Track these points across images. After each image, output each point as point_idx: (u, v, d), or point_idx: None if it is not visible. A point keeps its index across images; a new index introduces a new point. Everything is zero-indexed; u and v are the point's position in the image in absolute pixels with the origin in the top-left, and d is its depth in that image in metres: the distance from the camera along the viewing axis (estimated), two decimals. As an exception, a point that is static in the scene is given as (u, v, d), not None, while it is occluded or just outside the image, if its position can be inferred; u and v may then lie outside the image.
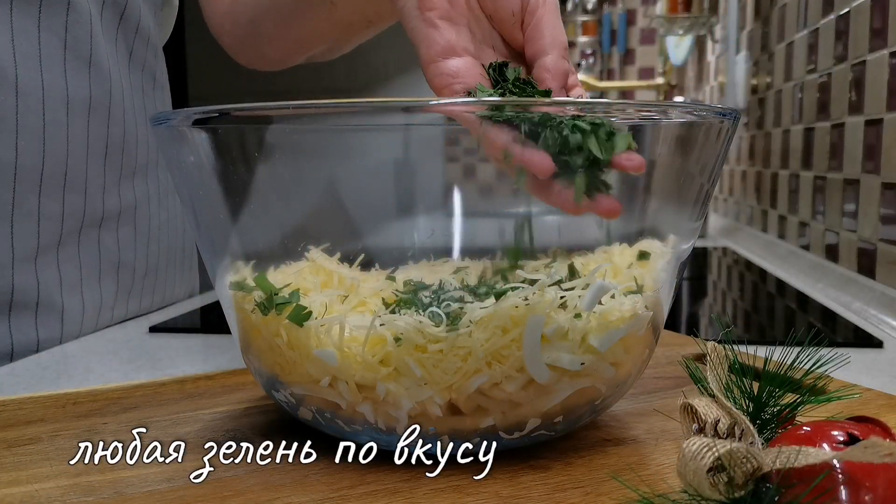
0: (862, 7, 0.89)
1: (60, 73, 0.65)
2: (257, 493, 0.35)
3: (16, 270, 0.65)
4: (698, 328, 0.76)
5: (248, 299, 0.39)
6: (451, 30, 0.44)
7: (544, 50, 0.43)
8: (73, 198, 0.68)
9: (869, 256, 0.85)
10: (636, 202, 0.40)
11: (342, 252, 0.41)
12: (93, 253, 0.71)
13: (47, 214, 0.66)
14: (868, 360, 0.61)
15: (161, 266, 0.81)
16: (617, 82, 2.90)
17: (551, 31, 0.43)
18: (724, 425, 0.31)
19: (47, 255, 0.67)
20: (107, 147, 0.70)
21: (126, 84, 0.73)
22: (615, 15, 3.05)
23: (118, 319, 0.76)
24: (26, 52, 0.63)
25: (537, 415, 0.37)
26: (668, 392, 0.49)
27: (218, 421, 0.45)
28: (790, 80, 1.21)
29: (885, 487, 0.26)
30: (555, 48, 0.43)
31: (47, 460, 0.39)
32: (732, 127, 0.40)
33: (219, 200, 0.39)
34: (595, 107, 0.37)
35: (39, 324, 0.67)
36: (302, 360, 0.37)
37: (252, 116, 0.36)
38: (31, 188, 0.65)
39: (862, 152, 0.88)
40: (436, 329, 0.35)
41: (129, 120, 0.73)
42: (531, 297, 0.35)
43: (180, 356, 0.64)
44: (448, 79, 0.44)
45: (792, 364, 0.37)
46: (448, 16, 0.44)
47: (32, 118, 0.63)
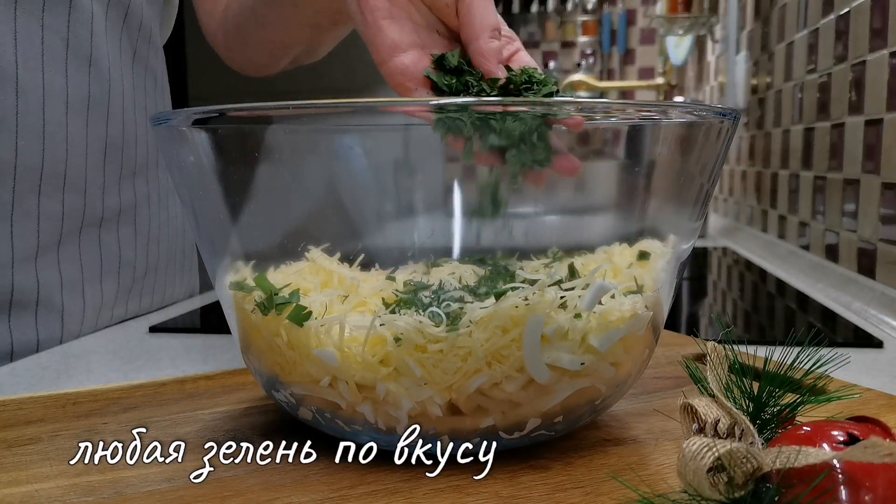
0: (862, 7, 0.89)
1: (61, 73, 0.65)
2: (257, 493, 0.35)
3: (16, 270, 0.65)
4: (698, 328, 0.76)
5: (248, 299, 0.39)
6: (393, 27, 0.47)
7: (475, 34, 0.46)
8: (73, 197, 0.68)
9: (869, 256, 0.85)
10: (636, 202, 0.40)
11: (342, 252, 0.41)
12: (93, 253, 0.71)
13: (47, 214, 0.66)
14: (868, 360, 0.61)
15: (161, 266, 0.81)
16: (617, 82, 2.90)
17: (480, 14, 0.46)
18: (724, 425, 0.31)
19: (47, 254, 0.67)
20: (106, 147, 0.71)
21: (127, 83, 0.73)
22: (615, 15, 3.05)
23: (118, 319, 0.76)
24: (28, 51, 0.63)
25: (537, 415, 0.37)
26: (668, 392, 0.49)
27: (218, 421, 0.45)
28: (790, 80, 1.21)
29: (885, 487, 0.26)
30: (484, 31, 0.46)
31: (47, 460, 0.39)
32: (732, 127, 0.40)
33: (219, 200, 0.39)
34: (595, 107, 0.37)
35: (39, 323, 0.67)
36: (302, 360, 0.37)
37: (252, 116, 0.36)
38: (31, 188, 0.65)
39: (862, 152, 0.88)
40: (436, 329, 0.35)
41: (128, 119, 0.73)
42: (531, 298, 0.35)
43: (180, 356, 0.64)
44: (399, 77, 0.46)
45: (792, 364, 0.37)
46: (389, 14, 0.47)
47: (32, 118, 0.63)
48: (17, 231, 0.64)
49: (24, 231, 0.65)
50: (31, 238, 0.65)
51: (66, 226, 0.68)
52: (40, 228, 0.66)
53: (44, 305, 0.67)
